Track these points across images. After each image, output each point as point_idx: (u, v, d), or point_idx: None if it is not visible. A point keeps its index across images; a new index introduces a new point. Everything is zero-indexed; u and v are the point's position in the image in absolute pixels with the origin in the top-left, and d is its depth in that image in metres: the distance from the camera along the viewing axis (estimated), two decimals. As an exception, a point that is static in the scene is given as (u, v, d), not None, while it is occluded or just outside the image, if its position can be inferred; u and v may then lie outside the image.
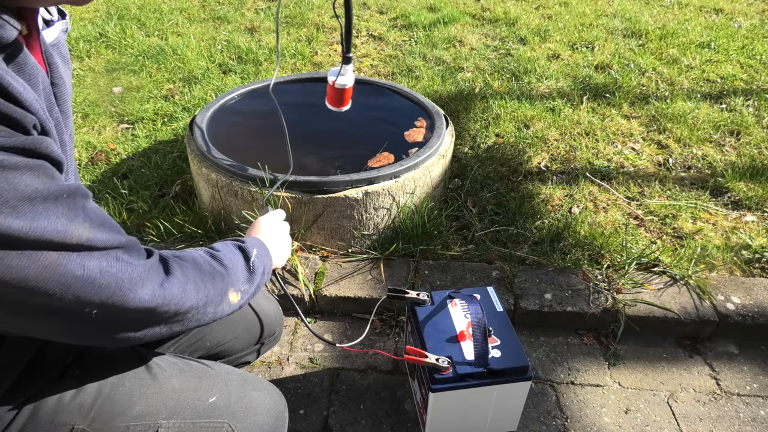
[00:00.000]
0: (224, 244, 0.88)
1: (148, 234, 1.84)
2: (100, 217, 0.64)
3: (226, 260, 0.82)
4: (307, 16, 3.79)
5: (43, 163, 0.57)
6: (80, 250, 0.60)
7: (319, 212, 1.67)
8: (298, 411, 1.39)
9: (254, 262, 0.87)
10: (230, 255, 0.85)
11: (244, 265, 0.86)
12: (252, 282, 0.86)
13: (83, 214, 0.61)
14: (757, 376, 1.53)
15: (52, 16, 0.75)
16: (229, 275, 0.81)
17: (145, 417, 0.81)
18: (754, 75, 3.06)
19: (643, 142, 2.48)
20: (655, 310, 1.59)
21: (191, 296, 0.73)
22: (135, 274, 0.65)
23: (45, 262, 0.56)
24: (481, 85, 2.90)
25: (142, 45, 3.26)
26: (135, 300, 0.65)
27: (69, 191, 0.60)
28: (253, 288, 0.86)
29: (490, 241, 1.88)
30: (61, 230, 0.57)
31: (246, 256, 0.87)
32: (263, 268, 0.90)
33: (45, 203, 0.56)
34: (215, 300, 0.78)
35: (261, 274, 0.89)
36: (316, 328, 1.63)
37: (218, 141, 1.81)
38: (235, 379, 0.92)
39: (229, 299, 0.81)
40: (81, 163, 2.28)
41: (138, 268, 0.66)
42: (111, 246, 0.64)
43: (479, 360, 1.16)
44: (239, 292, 0.83)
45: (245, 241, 0.91)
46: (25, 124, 0.56)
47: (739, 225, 1.98)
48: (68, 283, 0.58)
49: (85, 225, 0.61)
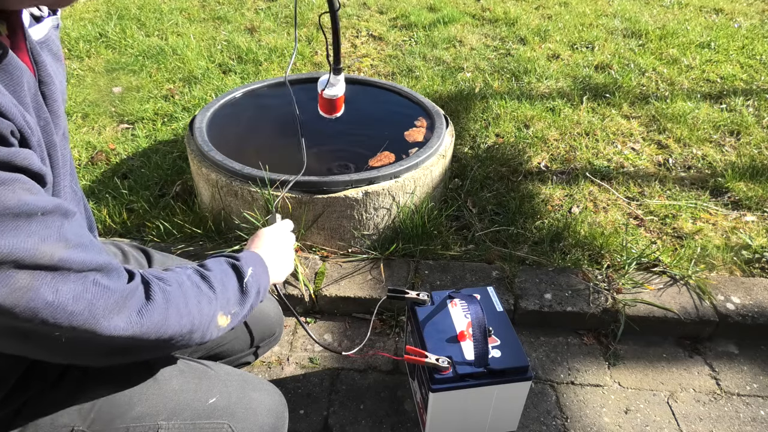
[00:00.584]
0: (217, 262, 0.84)
1: (148, 234, 1.84)
2: (78, 237, 0.60)
3: (216, 282, 0.79)
4: (307, 16, 3.79)
5: (18, 176, 0.55)
6: (53, 271, 0.57)
7: (319, 212, 1.67)
8: (298, 411, 1.39)
9: (248, 283, 0.83)
10: (222, 275, 0.81)
11: (236, 286, 0.82)
12: (244, 304, 0.83)
13: (58, 233, 0.58)
14: (757, 376, 1.53)
15: (42, 12, 0.73)
16: (217, 298, 0.77)
17: (145, 418, 0.81)
18: (754, 75, 3.06)
19: (643, 142, 2.48)
20: (655, 310, 1.59)
21: (173, 323, 0.69)
22: (111, 300, 0.62)
23: (15, 285, 0.53)
24: (481, 85, 2.90)
25: (142, 45, 3.26)
26: (109, 328, 0.62)
27: (45, 209, 0.56)
28: (245, 310, 0.83)
29: (490, 241, 1.88)
30: (31, 249, 0.54)
31: (239, 276, 0.83)
32: (258, 288, 0.86)
33: (16, 220, 0.53)
34: (201, 325, 0.74)
35: (255, 294, 0.85)
36: (316, 328, 1.64)
37: (218, 141, 1.81)
38: (235, 380, 0.92)
39: (218, 323, 0.78)
40: (81, 163, 2.28)
41: (115, 294, 0.63)
42: (88, 268, 0.60)
43: (479, 360, 1.16)
44: (229, 315, 0.80)
45: (240, 258, 0.87)
46: (0, 131, 0.53)
47: (739, 225, 1.98)
48: (37, 308, 0.55)
49: (59, 245, 0.57)
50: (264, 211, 1.67)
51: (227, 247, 1.70)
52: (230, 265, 0.84)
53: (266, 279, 0.90)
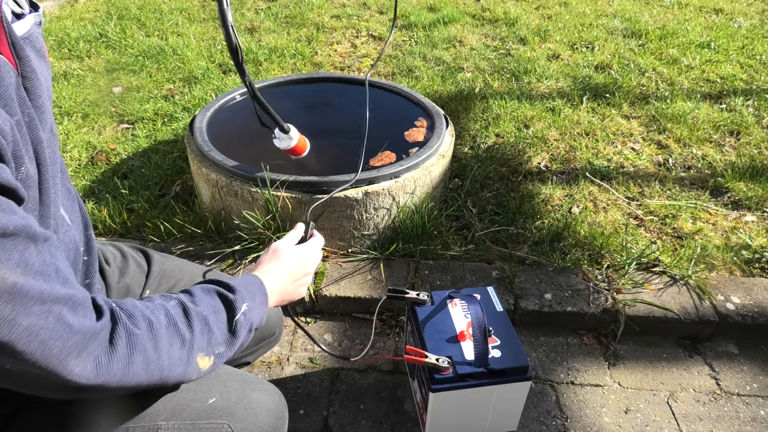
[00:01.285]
0: (208, 293, 0.77)
1: (148, 234, 1.84)
2: (42, 265, 0.55)
3: (197, 320, 0.72)
4: (307, 16, 3.79)
5: None
6: (9, 299, 0.52)
7: (319, 212, 1.67)
8: (298, 411, 1.39)
9: (239, 321, 0.76)
10: (208, 311, 0.74)
11: (224, 325, 0.75)
12: (232, 344, 0.76)
13: (19, 257, 0.53)
14: (757, 376, 1.53)
15: (23, 9, 0.72)
16: (196, 340, 0.71)
17: (145, 419, 0.80)
18: (754, 75, 3.06)
19: (643, 142, 2.48)
20: (655, 310, 1.59)
21: (137, 373, 0.64)
22: (69, 342, 0.56)
23: None
24: (481, 85, 2.90)
25: (142, 45, 3.26)
26: (64, 372, 0.57)
27: (6, 231, 0.52)
28: (232, 351, 0.77)
29: (490, 241, 1.88)
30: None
31: (231, 313, 0.76)
32: (250, 325, 0.79)
33: None
34: (175, 368, 0.68)
35: (246, 333, 0.78)
36: (316, 328, 1.64)
37: (218, 141, 1.81)
38: (235, 380, 0.92)
39: (198, 365, 0.71)
40: (81, 163, 2.28)
41: (75, 336, 0.57)
42: (49, 300, 0.55)
43: (479, 360, 1.16)
44: (212, 356, 0.73)
45: (236, 290, 0.79)
46: None
47: (739, 225, 1.98)
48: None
49: (17, 270, 0.52)
50: (264, 210, 1.67)
51: (227, 248, 1.70)
52: (222, 298, 0.77)
53: (263, 311, 0.84)
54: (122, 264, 1.06)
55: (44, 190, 0.68)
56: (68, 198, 0.80)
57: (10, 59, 0.64)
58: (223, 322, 0.75)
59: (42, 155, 0.66)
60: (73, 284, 0.60)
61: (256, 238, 1.71)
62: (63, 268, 0.59)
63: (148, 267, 1.09)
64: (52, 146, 0.72)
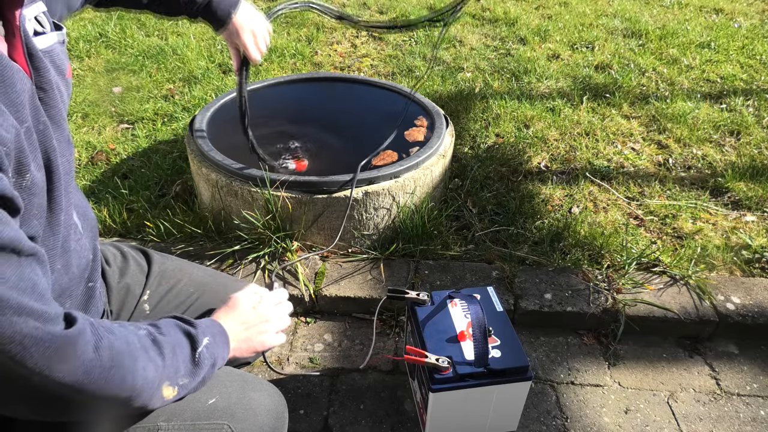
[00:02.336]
0: (172, 327, 0.79)
1: (148, 234, 1.84)
2: (18, 281, 0.57)
3: (167, 349, 0.74)
4: (307, 16, 3.79)
5: None
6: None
7: (319, 212, 1.67)
8: (298, 411, 1.39)
9: (201, 354, 0.78)
10: (174, 342, 0.76)
11: (188, 356, 0.77)
12: (194, 376, 0.77)
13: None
14: (757, 376, 1.53)
15: (45, 28, 0.74)
16: (165, 367, 0.73)
17: (145, 420, 0.81)
18: (754, 75, 3.06)
19: (643, 142, 2.48)
20: (655, 310, 1.59)
21: (115, 384, 0.65)
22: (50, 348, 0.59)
23: None
24: (481, 85, 2.90)
25: (142, 45, 3.26)
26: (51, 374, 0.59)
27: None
28: (195, 383, 0.78)
29: (490, 241, 1.88)
30: None
31: (193, 346, 0.78)
32: (213, 360, 0.81)
33: None
34: (143, 392, 0.69)
35: (209, 367, 0.80)
36: (316, 328, 1.64)
37: (218, 141, 1.81)
38: (235, 380, 0.92)
39: (163, 394, 0.72)
40: (81, 163, 2.28)
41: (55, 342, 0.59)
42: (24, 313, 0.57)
43: (479, 360, 1.16)
44: (176, 387, 0.74)
45: (197, 326, 0.82)
46: None
47: (739, 225, 1.98)
48: None
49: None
50: (264, 210, 1.67)
51: (227, 248, 1.70)
52: (184, 332, 0.79)
53: (225, 351, 0.85)
54: (122, 264, 1.06)
55: (54, 197, 0.69)
56: (82, 206, 0.82)
57: (25, 68, 0.66)
58: (187, 354, 0.77)
59: (54, 163, 0.68)
60: (48, 301, 0.61)
61: (256, 238, 1.71)
62: (40, 284, 0.60)
63: (149, 267, 1.09)
64: (66, 155, 0.73)
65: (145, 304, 1.05)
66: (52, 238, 0.72)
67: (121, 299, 1.03)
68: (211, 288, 1.11)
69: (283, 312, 1.03)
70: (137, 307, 1.04)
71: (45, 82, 0.69)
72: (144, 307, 1.04)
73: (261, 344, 0.95)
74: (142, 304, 1.04)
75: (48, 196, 0.68)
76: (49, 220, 0.70)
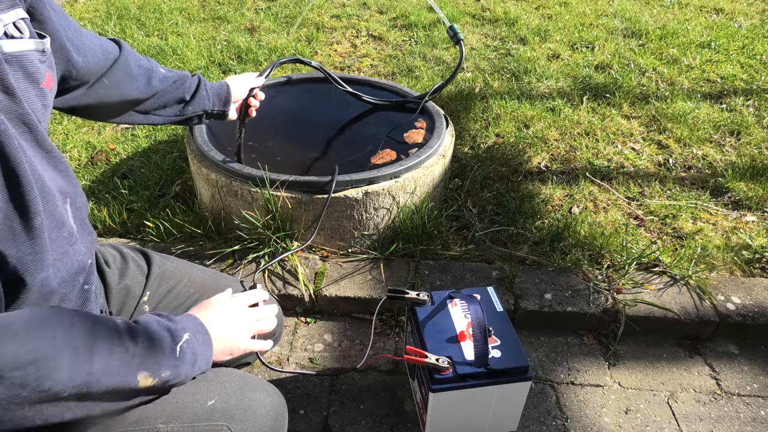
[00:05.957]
0: (152, 321, 0.77)
1: (148, 234, 1.84)
2: None
3: (143, 338, 0.73)
4: (307, 16, 3.79)
5: None
6: None
7: (319, 212, 1.67)
8: (298, 411, 1.39)
9: (182, 348, 0.76)
10: (152, 333, 0.75)
11: (168, 349, 0.75)
12: (176, 368, 0.75)
13: None
14: (757, 376, 1.53)
15: (23, 34, 0.72)
16: (137, 355, 0.71)
17: (144, 422, 0.80)
18: (754, 75, 3.06)
19: (643, 142, 2.48)
20: (655, 310, 1.59)
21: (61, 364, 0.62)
22: None
23: None
24: (481, 85, 2.90)
25: (142, 45, 3.26)
26: None
27: None
28: (177, 376, 0.75)
29: (490, 241, 1.87)
30: None
31: (173, 339, 0.76)
32: (195, 357, 0.79)
33: None
34: (108, 378, 0.67)
35: (190, 361, 0.77)
36: (316, 328, 1.63)
37: (218, 141, 1.81)
38: (234, 381, 0.92)
39: (138, 382, 0.70)
40: (81, 163, 2.28)
41: None
42: None
43: (479, 360, 1.16)
44: (156, 378, 0.72)
45: (177, 321, 0.80)
46: None
47: (739, 225, 1.98)
48: None
49: None
50: (264, 210, 1.67)
51: (227, 248, 1.70)
52: (164, 327, 0.77)
53: (208, 350, 0.82)
54: (122, 265, 1.06)
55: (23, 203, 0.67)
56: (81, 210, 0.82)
57: None
58: (168, 346, 0.75)
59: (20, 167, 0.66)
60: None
61: (255, 238, 1.70)
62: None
63: (148, 268, 1.09)
64: (43, 165, 0.72)
65: (145, 306, 1.04)
66: (28, 243, 0.69)
67: (121, 300, 1.03)
68: (211, 289, 1.11)
69: (263, 314, 0.99)
70: (137, 309, 1.04)
71: (3, 87, 0.67)
72: (144, 309, 1.04)
73: (236, 347, 0.90)
74: (141, 305, 1.04)
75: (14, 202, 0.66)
76: (24, 226, 0.68)
